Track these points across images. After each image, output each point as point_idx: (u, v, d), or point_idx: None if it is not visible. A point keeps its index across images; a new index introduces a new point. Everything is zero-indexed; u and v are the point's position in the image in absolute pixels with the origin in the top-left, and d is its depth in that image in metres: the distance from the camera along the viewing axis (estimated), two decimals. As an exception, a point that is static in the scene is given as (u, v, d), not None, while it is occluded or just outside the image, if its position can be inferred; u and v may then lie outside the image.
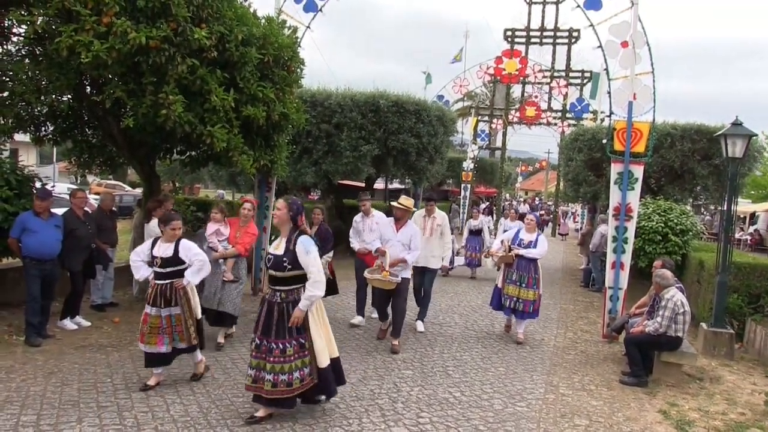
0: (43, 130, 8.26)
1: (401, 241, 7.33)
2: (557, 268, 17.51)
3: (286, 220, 4.82)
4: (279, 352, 4.67)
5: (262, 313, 4.85)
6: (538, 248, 8.12)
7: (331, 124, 14.49)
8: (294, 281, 4.78)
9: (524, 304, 8.01)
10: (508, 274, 8.22)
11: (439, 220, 8.52)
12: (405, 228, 7.41)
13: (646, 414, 5.73)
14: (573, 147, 16.84)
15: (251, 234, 7.33)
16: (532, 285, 8.06)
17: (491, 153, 40.34)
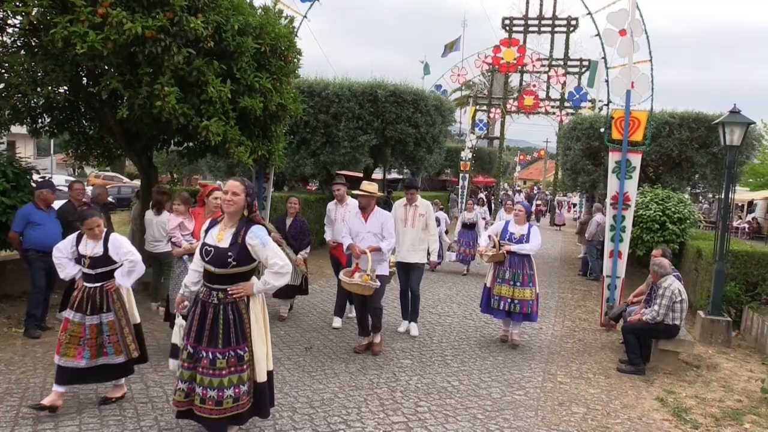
0: (39, 121, 8.23)
1: (371, 231, 6.65)
2: (555, 257, 17.55)
3: (242, 207, 4.07)
4: (207, 362, 3.90)
5: (195, 316, 4.05)
6: (532, 242, 7.31)
7: (328, 115, 14.47)
8: (236, 279, 4.04)
9: (521, 305, 7.22)
10: (499, 272, 7.36)
11: (422, 209, 7.59)
12: (373, 216, 6.69)
13: (643, 401, 5.77)
14: (571, 136, 16.83)
15: None
16: (528, 283, 7.26)
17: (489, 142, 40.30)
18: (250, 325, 4.03)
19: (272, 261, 4.00)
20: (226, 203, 4.00)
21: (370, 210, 6.70)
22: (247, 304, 4.04)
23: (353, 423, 4.78)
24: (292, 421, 4.72)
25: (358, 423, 4.79)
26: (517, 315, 7.29)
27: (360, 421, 4.83)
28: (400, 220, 7.53)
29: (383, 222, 6.67)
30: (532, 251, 7.33)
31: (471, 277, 12.63)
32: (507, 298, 7.24)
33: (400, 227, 7.48)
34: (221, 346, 3.92)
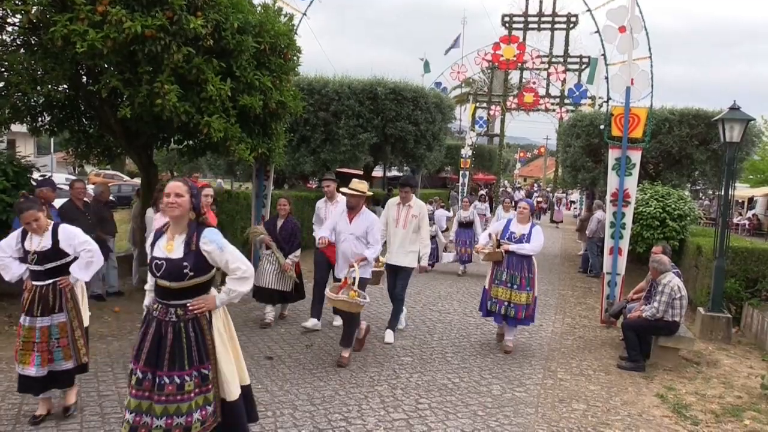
0: (39, 120, 8.23)
1: (354, 233, 6.26)
2: (555, 254, 17.55)
3: (188, 210, 3.54)
4: (175, 388, 3.41)
5: (147, 337, 3.51)
6: (533, 243, 6.87)
7: (328, 112, 14.47)
8: (195, 292, 3.53)
9: (516, 309, 6.82)
10: (496, 273, 7.00)
11: (415, 210, 7.18)
12: (359, 218, 6.31)
13: (643, 398, 5.78)
14: (571, 133, 16.81)
15: None
16: (525, 286, 6.86)
17: (489, 139, 40.28)
18: (213, 342, 3.54)
19: (234, 266, 3.55)
20: (170, 207, 3.48)
21: (357, 210, 6.34)
22: (209, 320, 3.56)
23: (354, 420, 4.79)
24: (293, 419, 4.73)
25: (359, 420, 4.80)
26: (512, 320, 6.94)
27: (361, 418, 4.85)
28: (392, 219, 7.22)
29: (368, 226, 6.27)
30: (532, 252, 6.88)
31: (470, 276, 12.63)
32: (503, 300, 6.88)
33: (391, 227, 7.21)
34: (187, 367, 3.44)
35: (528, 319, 7.00)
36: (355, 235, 6.26)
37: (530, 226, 7.05)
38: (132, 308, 7.88)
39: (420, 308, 9.13)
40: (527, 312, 6.91)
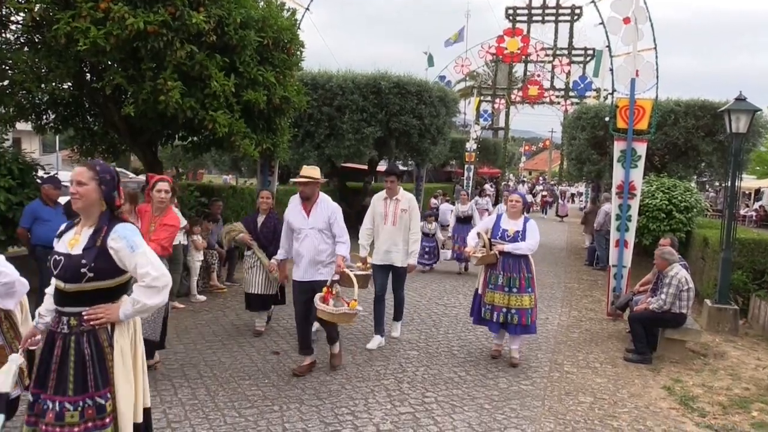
0: (44, 118, 8.25)
1: (316, 227, 5.42)
2: (561, 248, 17.53)
3: (95, 201, 2.96)
4: (54, 416, 2.78)
5: (39, 351, 3.03)
6: (528, 240, 6.14)
7: (332, 107, 14.45)
8: (95, 299, 2.90)
9: (519, 315, 6.08)
10: (491, 276, 6.21)
11: (404, 203, 6.56)
12: (317, 208, 5.46)
13: (650, 390, 5.77)
14: (576, 125, 16.76)
15: (169, 226, 5.32)
16: (526, 288, 6.13)
17: (494, 133, 40.20)
18: (113, 364, 2.90)
19: (143, 270, 2.89)
20: (73, 198, 2.94)
21: (314, 200, 5.49)
22: (110, 335, 2.92)
23: (360, 414, 4.80)
24: (300, 413, 4.74)
25: (366, 414, 4.81)
26: (515, 327, 6.15)
27: (367, 412, 4.85)
28: (380, 216, 6.61)
29: (330, 215, 5.46)
30: (529, 251, 6.16)
31: (472, 275, 12.60)
32: (501, 307, 6.11)
33: (379, 224, 6.62)
34: (72, 393, 2.81)
35: (533, 325, 6.22)
36: (316, 229, 5.44)
37: (523, 221, 6.25)
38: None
39: (426, 302, 9.13)
40: (531, 317, 6.16)
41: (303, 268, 5.53)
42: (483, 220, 7.10)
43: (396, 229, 6.55)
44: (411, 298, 9.40)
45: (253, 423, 4.51)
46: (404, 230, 6.57)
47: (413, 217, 6.62)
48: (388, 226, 6.56)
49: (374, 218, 6.68)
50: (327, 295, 5.28)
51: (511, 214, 6.31)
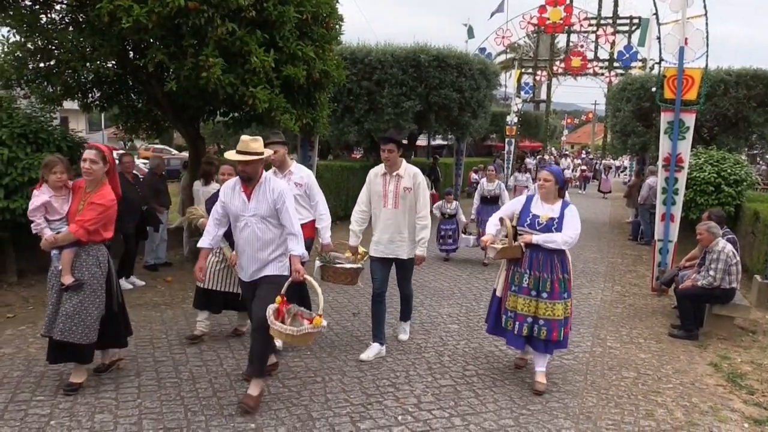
0: (90, 96, 8.43)
1: (258, 213, 4.36)
2: (604, 222, 17.23)
3: None
4: None
5: None
6: (566, 230, 4.80)
7: (371, 81, 14.37)
8: None
9: (548, 328, 4.78)
10: (514, 275, 4.96)
11: (407, 180, 5.34)
12: (261, 189, 4.37)
13: (696, 367, 5.66)
14: (621, 97, 16.35)
15: (97, 205, 4.40)
16: (560, 293, 4.82)
17: (536, 106, 39.55)
18: None
19: None
20: None
21: (256, 181, 4.39)
22: None
23: (402, 386, 4.84)
24: (342, 384, 4.81)
25: (407, 386, 4.85)
26: (541, 343, 4.87)
27: (408, 384, 4.90)
28: (377, 196, 5.44)
29: (276, 199, 4.35)
30: (565, 245, 4.80)
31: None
32: (525, 316, 4.85)
33: (377, 207, 5.47)
34: None
35: (565, 340, 4.97)
36: (259, 217, 4.37)
37: (561, 206, 4.90)
38: (183, 278, 8.11)
39: (466, 276, 9.11)
40: (564, 331, 4.86)
41: (245, 265, 4.50)
42: (510, 202, 5.47)
43: (399, 212, 5.37)
44: (451, 272, 9.40)
45: (296, 393, 4.60)
46: (409, 213, 5.41)
47: (419, 198, 5.38)
48: (389, 210, 5.38)
49: (371, 199, 5.54)
50: (282, 307, 4.28)
51: (543, 195, 4.95)
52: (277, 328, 4.12)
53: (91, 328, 4.42)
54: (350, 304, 7.23)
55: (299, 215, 5.10)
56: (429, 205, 5.48)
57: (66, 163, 4.63)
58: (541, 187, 4.97)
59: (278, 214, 4.38)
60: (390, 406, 4.47)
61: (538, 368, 4.97)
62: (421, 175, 5.47)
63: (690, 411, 4.64)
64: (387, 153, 5.29)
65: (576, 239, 4.83)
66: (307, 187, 5.63)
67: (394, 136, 5.41)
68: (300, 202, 5.51)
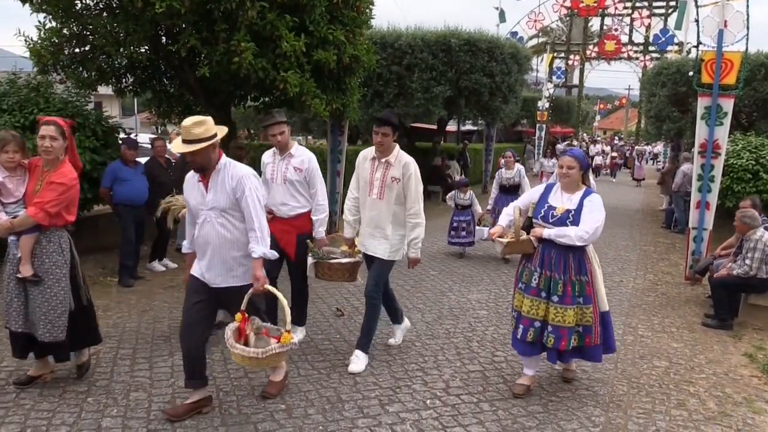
0: (123, 81, 8.54)
1: (218, 206, 3.75)
2: (637, 209, 16.96)
3: None
4: None
5: None
6: (585, 224, 4.17)
7: (401, 66, 14.30)
8: None
9: (556, 336, 4.22)
10: (522, 272, 4.45)
11: (396, 169, 4.69)
12: (217, 177, 3.76)
13: (730, 357, 5.56)
14: (656, 82, 16.02)
15: (57, 185, 3.98)
16: (574, 297, 4.22)
17: (568, 91, 38.96)
18: None
19: None
20: None
21: (211, 169, 3.75)
22: None
23: (430, 371, 4.86)
24: (370, 367, 4.84)
25: (435, 371, 4.86)
26: (553, 353, 4.37)
27: (437, 369, 4.91)
28: (364, 182, 4.83)
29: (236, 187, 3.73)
30: (579, 240, 4.16)
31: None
32: (533, 319, 4.29)
33: (363, 193, 4.85)
34: None
35: (596, 351, 4.40)
36: (218, 210, 3.75)
37: (581, 196, 4.30)
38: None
39: (495, 262, 9.06)
40: (588, 338, 4.29)
41: (205, 270, 3.88)
42: (529, 191, 4.88)
43: (383, 205, 4.73)
44: (479, 258, 9.35)
45: (326, 375, 4.65)
46: (395, 208, 4.75)
47: (410, 191, 4.70)
48: (373, 199, 4.77)
49: (359, 184, 4.93)
50: (243, 325, 3.77)
51: (564, 185, 4.39)
52: (237, 351, 3.61)
53: (55, 324, 4.00)
54: (379, 289, 7.25)
55: (296, 203, 5.02)
56: (422, 199, 4.77)
57: (20, 140, 4.12)
58: (564, 176, 4.33)
59: (239, 205, 3.76)
60: (418, 390, 4.49)
61: (568, 370, 4.81)
62: (414, 165, 4.76)
63: (723, 402, 4.57)
64: (381, 137, 4.64)
65: (594, 235, 4.17)
66: (308, 173, 5.03)
67: (391, 117, 4.74)
68: (299, 189, 5.03)
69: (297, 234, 5.03)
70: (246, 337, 3.77)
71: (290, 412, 4.01)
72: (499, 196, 9.47)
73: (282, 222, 5.01)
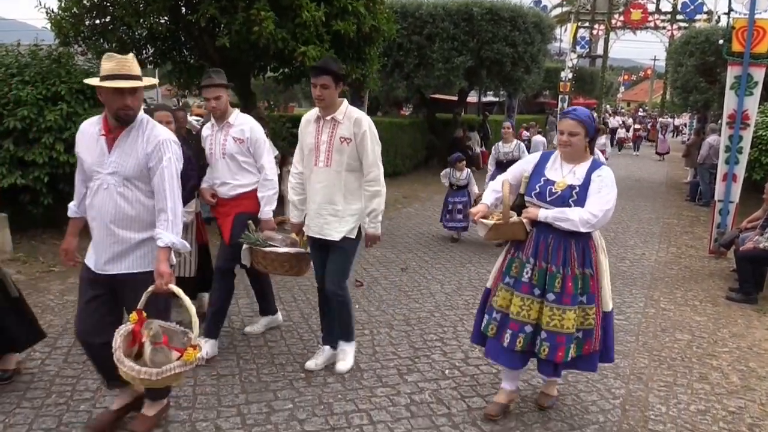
0: (144, 53, 8.56)
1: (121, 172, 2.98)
2: (660, 182, 16.71)
3: None
4: None
5: None
6: (594, 205, 3.28)
7: (422, 36, 14.14)
8: None
9: (551, 345, 3.34)
10: (511, 263, 3.53)
11: (345, 127, 3.80)
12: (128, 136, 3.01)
13: (754, 331, 5.49)
14: (683, 51, 15.70)
15: None
16: (575, 296, 3.35)
17: (591, 61, 38.25)
18: None
19: None
20: None
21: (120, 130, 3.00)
22: None
23: (449, 341, 4.86)
24: (390, 337, 4.86)
25: (454, 341, 4.87)
26: (549, 365, 3.46)
27: (456, 339, 4.91)
28: (308, 150, 3.92)
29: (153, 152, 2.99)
30: (584, 225, 3.27)
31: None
32: (523, 323, 3.39)
33: (308, 164, 3.94)
34: None
35: (592, 357, 3.50)
36: (121, 177, 2.99)
37: (587, 169, 3.38)
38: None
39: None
40: (587, 344, 3.43)
41: (97, 246, 3.09)
42: (520, 161, 3.82)
43: (331, 173, 3.83)
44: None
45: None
46: (347, 176, 3.86)
47: (366, 152, 3.81)
48: (320, 169, 3.86)
49: (303, 151, 4.02)
50: (138, 328, 2.91)
51: (566, 155, 3.45)
52: (125, 369, 2.74)
53: None
54: (398, 259, 7.27)
55: (238, 181, 4.28)
56: (380, 162, 3.93)
57: None
58: (565, 145, 3.40)
59: (150, 177, 3.00)
60: (437, 360, 4.50)
61: (547, 390, 3.85)
62: (367, 121, 3.85)
63: (747, 376, 4.51)
64: (320, 89, 3.72)
65: (604, 219, 3.28)
66: (251, 144, 4.26)
67: (329, 65, 3.82)
68: (241, 164, 4.28)
69: (236, 213, 4.26)
70: (141, 345, 2.90)
71: (309, 380, 4.04)
72: (496, 173, 7.42)
73: (223, 203, 4.35)
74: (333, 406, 3.71)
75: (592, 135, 3.44)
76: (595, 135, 3.50)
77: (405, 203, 8.48)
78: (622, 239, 8.89)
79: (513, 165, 3.81)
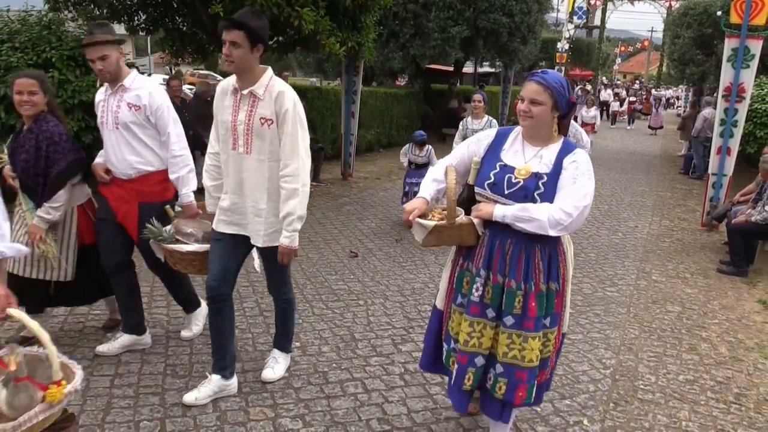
0: (136, 19, 8.43)
1: None
2: (654, 155, 16.72)
3: None
4: None
5: None
6: (566, 199, 2.48)
7: (418, 4, 13.96)
8: None
9: (509, 381, 2.61)
10: (461, 277, 2.75)
11: (266, 104, 3.01)
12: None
13: (743, 303, 5.56)
14: (681, 23, 15.60)
15: None
16: (539, 318, 2.59)
17: (588, 32, 37.96)
18: None
19: None
20: None
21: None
22: None
23: (443, 312, 4.90)
24: (384, 308, 4.90)
25: (448, 313, 4.90)
26: (497, 404, 2.70)
27: (449, 310, 4.95)
28: (224, 128, 3.18)
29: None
30: (555, 227, 2.49)
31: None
32: (474, 354, 2.66)
33: (224, 145, 3.20)
34: None
35: (538, 394, 2.79)
36: None
37: (557, 152, 2.59)
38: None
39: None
40: (541, 375, 2.74)
41: None
42: (467, 140, 2.89)
43: (251, 161, 3.10)
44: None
45: (340, 315, 4.71)
46: (271, 166, 3.09)
47: (286, 136, 3.03)
48: (238, 155, 3.12)
49: (217, 131, 3.29)
50: None
51: (527, 130, 2.66)
52: None
53: None
54: (393, 231, 7.28)
55: (136, 158, 3.52)
56: (306, 152, 3.10)
57: None
58: (525, 115, 2.58)
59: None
60: (431, 330, 4.54)
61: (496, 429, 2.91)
62: (291, 97, 3.04)
63: (735, 347, 4.59)
64: (229, 46, 2.94)
65: (580, 218, 2.51)
66: (152, 113, 3.49)
67: (246, 19, 3.01)
68: (139, 136, 3.51)
69: (139, 203, 3.58)
70: None
71: (305, 349, 4.08)
72: None
73: (119, 185, 3.58)
74: (328, 374, 3.75)
75: (563, 110, 2.60)
76: (568, 112, 2.65)
77: (400, 174, 8.46)
78: (615, 211, 8.92)
79: (460, 145, 2.91)
